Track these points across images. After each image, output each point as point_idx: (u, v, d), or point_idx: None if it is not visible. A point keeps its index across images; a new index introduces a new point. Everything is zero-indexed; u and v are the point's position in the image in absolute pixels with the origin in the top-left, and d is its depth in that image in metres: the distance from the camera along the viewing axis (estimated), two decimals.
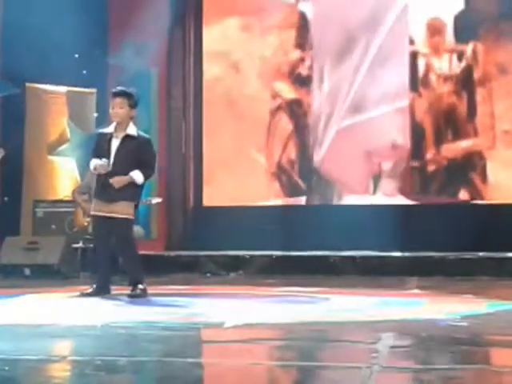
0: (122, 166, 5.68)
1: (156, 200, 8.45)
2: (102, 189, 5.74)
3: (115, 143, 5.74)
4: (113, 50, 9.95)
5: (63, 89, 9.57)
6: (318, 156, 9.48)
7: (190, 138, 9.95)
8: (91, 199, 7.61)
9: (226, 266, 8.31)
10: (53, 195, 9.30)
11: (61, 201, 8.87)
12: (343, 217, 9.03)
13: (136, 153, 5.71)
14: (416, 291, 6.34)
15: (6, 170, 9.18)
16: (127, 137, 5.73)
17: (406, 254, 8.22)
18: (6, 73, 9.27)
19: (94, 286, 5.79)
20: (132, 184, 5.72)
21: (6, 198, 9.35)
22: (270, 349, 3.81)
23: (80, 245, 8.11)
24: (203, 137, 9.95)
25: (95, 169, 5.78)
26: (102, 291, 5.74)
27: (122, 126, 5.74)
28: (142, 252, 8.00)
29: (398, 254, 8.27)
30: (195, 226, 9.79)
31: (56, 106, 9.57)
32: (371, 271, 7.82)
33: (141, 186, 5.83)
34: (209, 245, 9.04)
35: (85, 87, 9.80)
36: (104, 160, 5.70)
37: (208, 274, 8.17)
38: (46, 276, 7.55)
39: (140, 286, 5.71)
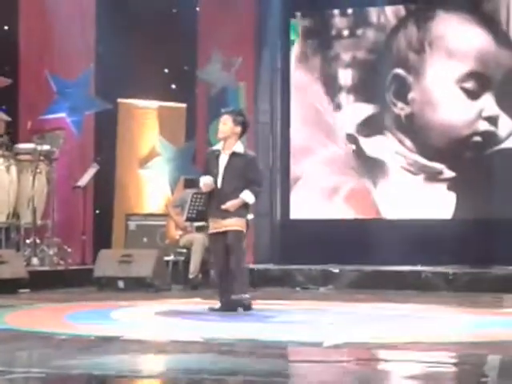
0: (231, 182, 5.80)
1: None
2: (212, 207, 5.91)
3: (223, 160, 5.87)
4: (201, 64, 10.08)
5: (154, 104, 9.76)
6: None
7: (277, 151, 10.02)
8: (183, 213, 7.79)
9: (316, 280, 8.29)
10: (143, 209, 9.48)
11: (152, 214, 9.03)
12: (432, 231, 8.92)
13: (243, 170, 5.82)
14: None
15: (99, 183, 9.41)
16: (234, 154, 5.85)
17: (500, 271, 8.02)
18: (100, 89, 9.52)
19: (221, 302, 5.87)
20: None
21: (97, 211, 9.58)
22: (374, 372, 3.75)
23: (171, 258, 8.23)
24: (290, 150, 10.00)
25: (203, 185, 5.91)
26: (228, 307, 5.80)
27: (229, 144, 5.86)
28: None
29: (491, 270, 8.08)
30: (282, 238, 9.82)
31: (147, 120, 9.76)
32: (464, 288, 7.66)
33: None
34: (296, 258, 9.04)
35: (173, 101, 9.96)
36: (208, 177, 5.81)
37: (298, 288, 8.16)
38: (139, 288, 7.67)
39: (244, 296, 5.80)
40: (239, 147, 5.89)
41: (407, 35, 9.76)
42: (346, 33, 9.98)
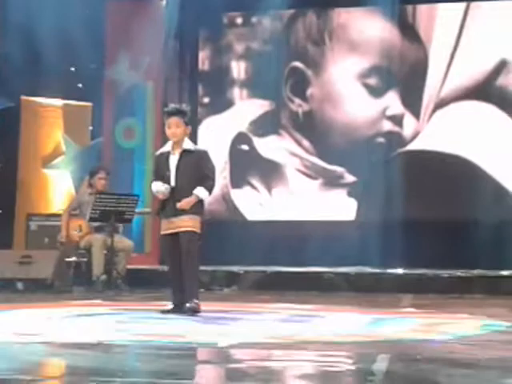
0: (184, 180, 5.72)
1: (147, 210, 8.48)
2: (166, 207, 5.76)
3: (173, 160, 5.77)
4: (108, 63, 9.96)
5: (59, 102, 9.59)
6: None
7: None
8: (82, 215, 7.69)
9: (220, 281, 8.30)
10: (46, 208, 9.29)
11: (54, 214, 8.86)
12: (332, 232, 8.95)
13: (195, 166, 5.74)
14: (411, 309, 6.32)
15: (0, 182, 9.18)
16: (184, 151, 5.77)
17: (400, 271, 8.20)
18: (2, 86, 9.28)
19: (173, 303, 5.82)
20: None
21: None
22: (265, 371, 3.78)
23: (73, 259, 8.09)
24: None
25: (157, 193, 5.78)
26: (179, 309, 5.75)
27: (179, 144, 5.78)
28: (134, 266, 8.08)
29: (392, 270, 8.25)
30: None
31: (51, 119, 9.59)
32: (366, 288, 7.80)
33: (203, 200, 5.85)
34: (202, 259, 9.01)
35: (80, 100, 9.81)
36: (166, 186, 5.71)
37: (201, 290, 8.13)
38: (38, 290, 7.52)
39: (195, 301, 5.73)
40: (189, 144, 5.82)
41: (306, 25, 9.16)
42: (239, 21, 9.53)
